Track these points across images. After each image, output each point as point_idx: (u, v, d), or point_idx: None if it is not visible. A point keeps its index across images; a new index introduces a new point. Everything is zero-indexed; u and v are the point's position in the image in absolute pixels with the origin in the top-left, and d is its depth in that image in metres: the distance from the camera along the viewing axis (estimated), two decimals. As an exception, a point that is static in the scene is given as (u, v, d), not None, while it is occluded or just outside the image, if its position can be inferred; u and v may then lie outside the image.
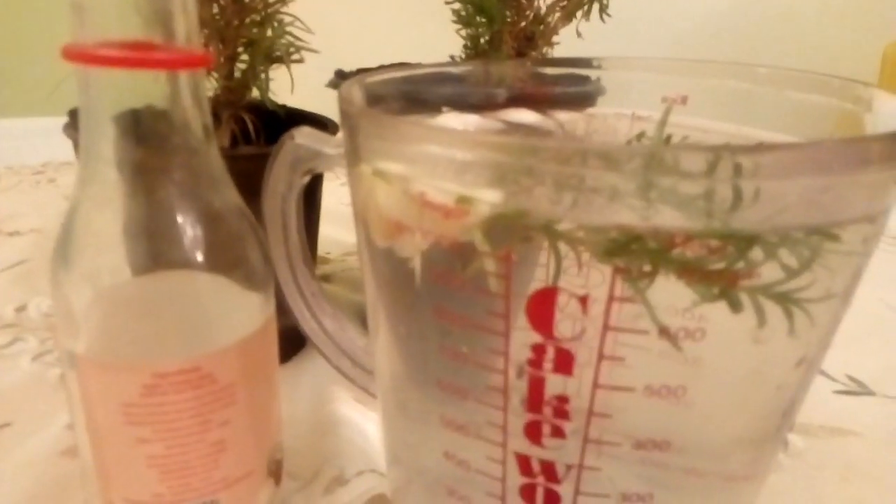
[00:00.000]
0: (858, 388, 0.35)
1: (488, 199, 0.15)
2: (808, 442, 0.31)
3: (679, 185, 0.14)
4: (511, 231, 0.16)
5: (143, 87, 0.19)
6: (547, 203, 0.15)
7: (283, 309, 0.26)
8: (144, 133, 0.19)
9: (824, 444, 0.31)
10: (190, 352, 0.19)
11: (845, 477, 0.29)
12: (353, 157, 0.19)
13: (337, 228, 0.52)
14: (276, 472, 0.24)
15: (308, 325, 0.26)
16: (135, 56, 0.18)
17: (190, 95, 0.19)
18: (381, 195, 0.18)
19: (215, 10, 0.34)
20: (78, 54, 0.18)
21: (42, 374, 0.34)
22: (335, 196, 0.48)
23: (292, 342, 0.35)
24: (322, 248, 0.48)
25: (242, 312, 0.21)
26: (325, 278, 0.45)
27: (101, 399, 0.19)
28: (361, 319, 0.39)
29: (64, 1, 0.18)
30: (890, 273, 0.49)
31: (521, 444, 0.17)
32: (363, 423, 0.30)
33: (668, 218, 0.14)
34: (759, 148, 0.14)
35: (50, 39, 0.17)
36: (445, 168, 0.16)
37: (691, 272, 0.15)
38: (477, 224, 0.16)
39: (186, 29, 0.19)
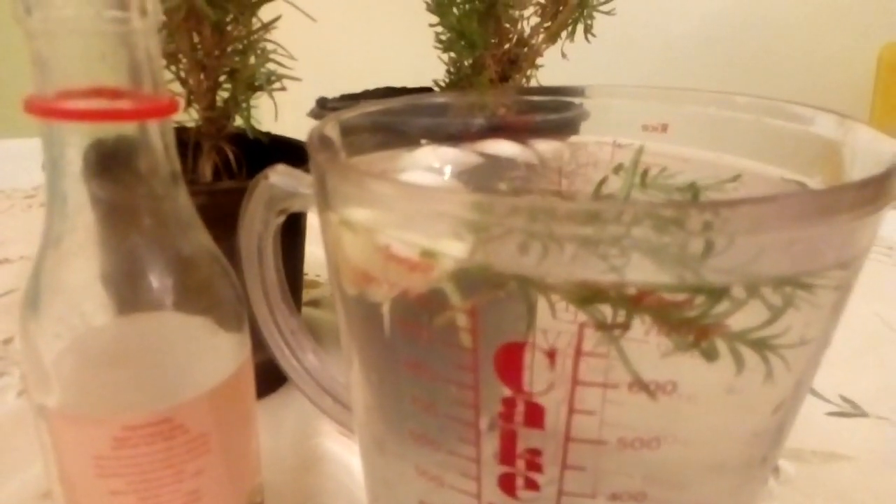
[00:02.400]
0: (852, 410, 0.35)
1: (453, 253, 0.15)
2: (800, 468, 0.31)
3: (648, 240, 0.14)
4: (477, 284, 0.15)
5: (110, 138, 0.18)
6: (514, 257, 0.15)
7: (264, 343, 0.25)
8: (111, 181, 0.19)
9: (816, 470, 0.31)
10: (160, 403, 0.19)
11: (837, 504, 0.29)
12: (322, 202, 0.19)
13: (327, 250, 0.52)
14: (255, 515, 0.23)
15: (288, 363, 0.25)
16: (100, 110, 0.17)
17: (157, 142, 0.19)
18: (347, 244, 0.17)
19: (196, 39, 0.34)
20: (41, 108, 0.17)
21: (26, 411, 0.33)
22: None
23: (276, 374, 0.34)
24: (311, 270, 0.48)
25: (215, 359, 0.20)
26: (314, 303, 0.45)
27: (73, 452, 0.19)
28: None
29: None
30: (885, 286, 0.49)
31: (495, 495, 0.17)
32: (348, 459, 0.29)
33: (639, 271, 0.14)
34: (728, 203, 0.13)
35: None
36: (412, 221, 0.16)
37: (663, 322, 0.15)
38: (442, 278, 0.15)
39: (153, 76, 0.19)
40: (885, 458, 0.32)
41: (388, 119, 0.25)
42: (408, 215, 0.16)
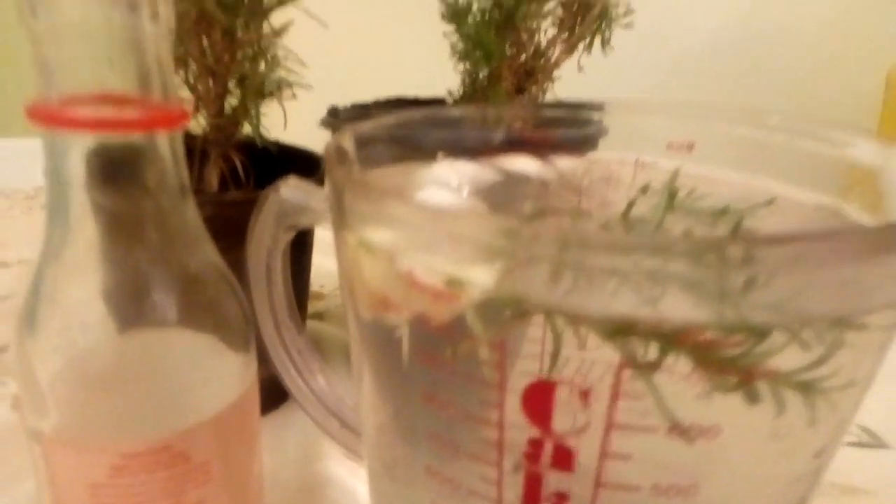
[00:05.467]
0: (872, 441, 0.34)
1: (480, 282, 0.14)
2: (819, 502, 0.29)
3: (685, 274, 0.13)
4: (505, 316, 0.14)
5: (116, 147, 0.18)
6: (543, 287, 0.14)
7: (268, 359, 0.24)
8: (116, 193, 0.18)
9: (837, 504, 0.29)
10: (161, 430, 0.18)
11: (860, 541, 0.28)
12: (339, 221, 0.18)
13: (332, 259, 0.50)
14: (257, 544, 0.22)
15: (294, 383, 0.24)
16: (106, 119, 0.17)
17: (166, 153, 0.18)
18: (366, 268, 0.16)
19: (205, 44, 0.33)
20: (44, 115, 0.16)
21: (21, 423, 0.32)
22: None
23: (279, 391, 0.33)
24: (316, 281, 0.47)
25: (220, 383, 0.19)
26: (318, 316, 0.44)
27: (67, 478, 0.18)
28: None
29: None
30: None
31: (516, 539, 0.16)
32: (354, 484, 0.28)
33: (677, 306, 0.13)
34: (773, 239, 0.12)
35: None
36: (435, 245, 0.15)
37: (704, 362, 0.14)
38: (468, 308, 0.14)
39: (163, 83, 0.18)
40: (907, 492, 0.30)
41: (404, 131, 0.24)
42: (431, 239, 0.15)
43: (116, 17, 0.16)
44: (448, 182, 0.24)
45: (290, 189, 0.22)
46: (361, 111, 0.39)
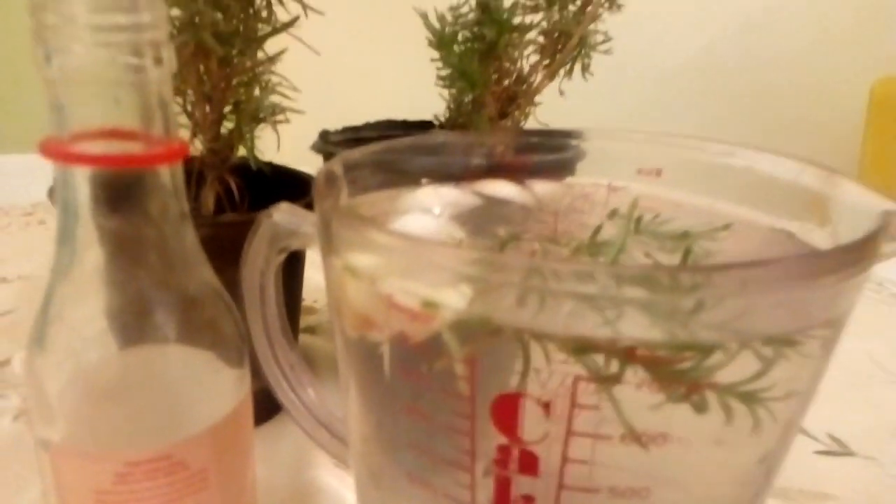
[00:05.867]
0: (840, 449, 0.35)
1: (453, 305, 0.15)
2: (788, 507, 0.31)
3: (640, 300, 0.14)
4: (477, 335, 0.16)
5: (121, 179, 0.19)
6: (511, 310, 0.15)
7: (262, 373, 0.26)
8: (121, 220, 0.19)
9: (804, 510, 0.31)
10: (162, 440, 0.19)
11: (824, 545, 0.29)
12: (326, 246, 0.19)
13: (324, 275, 0.52)
14: (250, 549, 0.23)
15: (286, 397, 0.26)
16: (113, 156, 0.18)
17: (167, 183, 0.20)
18: (350, 290, 0.18)
19: (202, 70, 0.34)
20: (56, 152, 0.18)
21: (22, 435, 0.34)
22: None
23: (272, 403, 0.35)
24: (309, 296, 0.48)
25: (216, 395, 0.21)
26: (311, 330, 0.45)
27: (74, 485, 0.20)
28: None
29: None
30: (875, 324, 0.49)
31: (488, 539, 0.18)
32: (342, 492, 0.29)
33: (631, 326, 0.15)
34: (721, 267, 0.14)
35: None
36: (413, 271, 0.16)
37: (655, 375, 0.15)
38: (443, 328, 0.16)
39: (165, 120, 0.19)
40: (872, 498, 0.32)
41: (390, 158, 0.26)
42: (409, 265, 0.16)
43: (123, 62, 0.18)
44: (430, 207, 0.26)
45: (283, 214, 0.23)
46: (352, 134, 0.40)
